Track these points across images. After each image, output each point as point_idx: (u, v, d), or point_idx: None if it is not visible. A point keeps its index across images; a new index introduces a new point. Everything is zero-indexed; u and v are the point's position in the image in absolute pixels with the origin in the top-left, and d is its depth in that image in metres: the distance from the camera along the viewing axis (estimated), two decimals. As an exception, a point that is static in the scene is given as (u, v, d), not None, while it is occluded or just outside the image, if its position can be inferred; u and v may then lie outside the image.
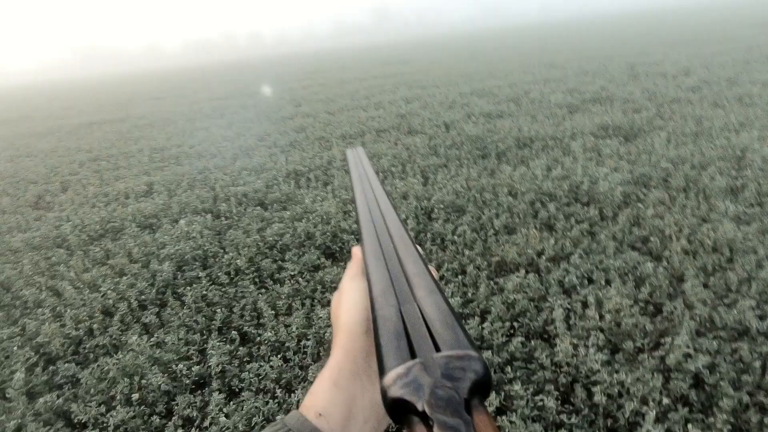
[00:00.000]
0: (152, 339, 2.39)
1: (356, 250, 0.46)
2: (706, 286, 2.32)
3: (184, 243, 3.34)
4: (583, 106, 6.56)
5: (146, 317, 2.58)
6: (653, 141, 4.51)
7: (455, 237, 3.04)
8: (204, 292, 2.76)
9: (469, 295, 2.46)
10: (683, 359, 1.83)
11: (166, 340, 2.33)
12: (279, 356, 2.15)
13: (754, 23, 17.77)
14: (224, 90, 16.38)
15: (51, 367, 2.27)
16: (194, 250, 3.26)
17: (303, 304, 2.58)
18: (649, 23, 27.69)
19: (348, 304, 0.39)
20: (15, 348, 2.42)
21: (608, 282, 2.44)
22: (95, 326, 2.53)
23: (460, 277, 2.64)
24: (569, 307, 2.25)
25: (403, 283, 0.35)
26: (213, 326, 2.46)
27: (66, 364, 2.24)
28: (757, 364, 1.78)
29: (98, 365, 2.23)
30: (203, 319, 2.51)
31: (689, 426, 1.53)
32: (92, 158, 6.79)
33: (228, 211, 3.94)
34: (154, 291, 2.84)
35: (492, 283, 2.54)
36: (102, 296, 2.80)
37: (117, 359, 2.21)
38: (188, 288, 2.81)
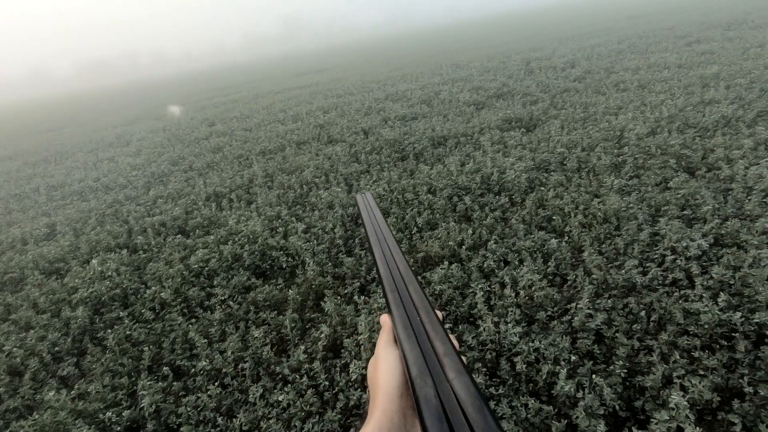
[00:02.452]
0: (73, 391, 2.22)
1: (386, 319, 0.52)
2: (600, 253, 2.65)
3: (99, 284, 3.11)
4: (488, 102, 7.05)
5: (63, 369, 2.39)
6: (550, 129, 4.99)
7: (382, 239, 3.15)
8: (128, 332, 2.61)
9: (400, 292, 2.57)
10: (586, 319, 2.09)
11: (89, 390, 2.18)
12: (216, 384, 2.10)
13: (627, 16, 20.19)
14: (128, 114, 15.28)
15: (-49, 445, 2.02)
16: (111, 290, 3.05)
17: (237, 328, 2.54)
18: (541, 20, 30.29)
19: (385, 370, 0.45)
20: None
21: (521, 261, 2.69)
22: (2, 390, 2.28)
23: (390, 276, 2.75)
24: (489, 289, 2.46)
25: (435, 363, 0.42)
26: (142, 366, 2.34)
27: (-30, 438, 2.01)
28: (643, 313, 2.08)
29: (10, 431, 2.03)
30: (129, 360, 2.38)
31: (594, 376, 1.76)
32: (-24, 204, 6.03)
33: (146, 243, 3.72)
34: (69, 340, 2.63)
35: (420, 278, 2.68)
36: (7, 356, 2.54)
37: (33, 420, 2.02)
38: (109, 331, 2.63)
